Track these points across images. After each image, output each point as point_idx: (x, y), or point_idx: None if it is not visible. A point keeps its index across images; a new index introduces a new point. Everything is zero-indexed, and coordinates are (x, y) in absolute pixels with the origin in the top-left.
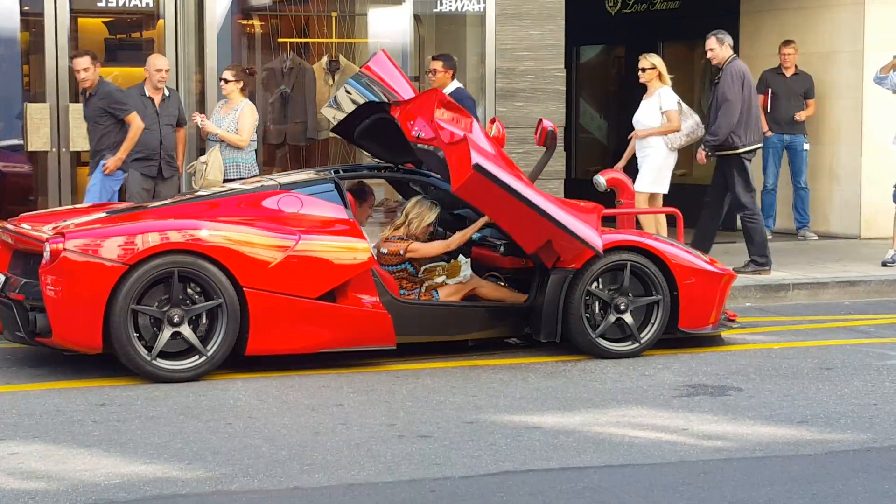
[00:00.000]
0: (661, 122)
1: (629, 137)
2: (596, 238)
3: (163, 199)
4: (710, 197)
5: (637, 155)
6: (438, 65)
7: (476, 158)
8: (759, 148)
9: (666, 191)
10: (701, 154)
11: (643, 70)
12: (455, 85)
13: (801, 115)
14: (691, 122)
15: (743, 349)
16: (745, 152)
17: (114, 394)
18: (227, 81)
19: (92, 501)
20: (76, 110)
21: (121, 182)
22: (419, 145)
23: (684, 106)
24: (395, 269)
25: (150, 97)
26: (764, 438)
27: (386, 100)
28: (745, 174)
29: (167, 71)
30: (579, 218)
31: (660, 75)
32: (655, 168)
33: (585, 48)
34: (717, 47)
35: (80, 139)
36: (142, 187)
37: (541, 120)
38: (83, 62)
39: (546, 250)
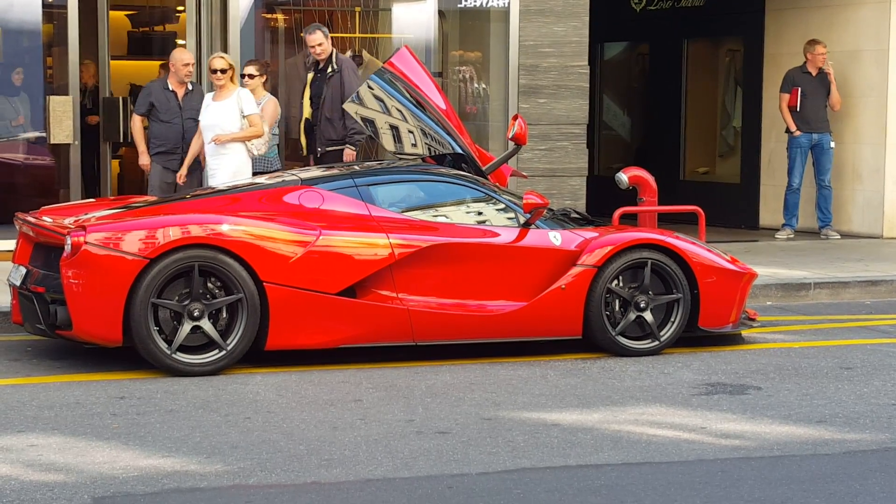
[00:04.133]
0: (242, 126)
1: (211, 141)
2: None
3: (184, 193)
4: None
5: (209, 161)
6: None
7: None
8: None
9: None
10: (351, 155)
11: (223, 71)
12: None
13: (836, 100)
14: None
15: (763, 348)
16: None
17: (133, 387)
18: (251, 77)
19: (110, 494)
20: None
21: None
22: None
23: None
24: None
25: (173, 91)
26: (782, 438)
27: (408, 96)
28: None
29: (193, 65)
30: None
31: (232, 76)
32: (231, 175)
33: (609, 45)
34: (325, 41)
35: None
36: (164, 181)
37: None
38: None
39: None
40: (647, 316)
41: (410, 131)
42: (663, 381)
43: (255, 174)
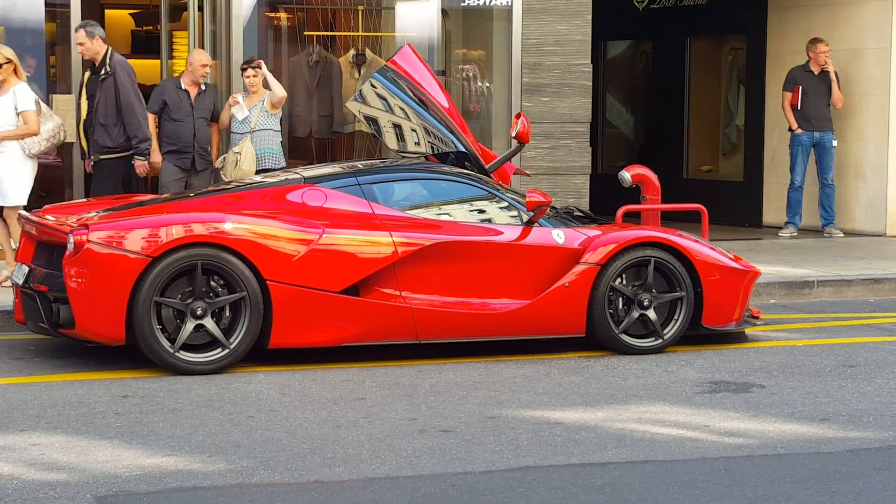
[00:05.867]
0: (18, 123)
1: None
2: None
3: (187, 192)
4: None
5: None
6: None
7: None
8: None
9: (24, 202)
10: (143, 166)
11: None
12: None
13: (837, 98)
14: (52, 125)
15: (766, 346)
16: (129, 155)
17: (136, 386)
18: (256, 70)
19: (113, 493)
20: None
21: None
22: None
23: (44, 106)
24: None
25: (185, 90)
26: (785, 436)
27: (411, 94)
28: (128, 180)
29: (210, 66)
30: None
31: (16, 70)
32: (11, 178)
33: (612, 43)
34: (88, 41)
35: None
36: (173, 179)
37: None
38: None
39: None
40: (651, 314)
41: (413, 129)
42: (667, 379)
43: (263, 171)
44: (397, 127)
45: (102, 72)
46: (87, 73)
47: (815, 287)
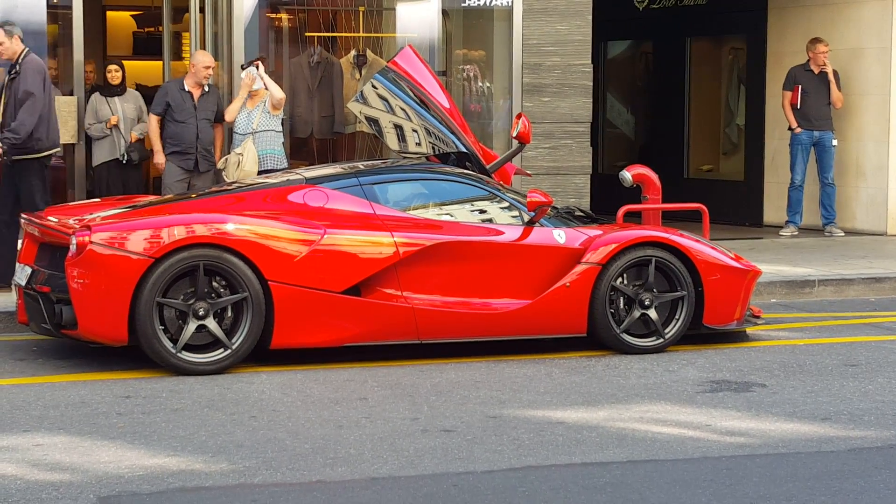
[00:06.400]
0: None
1: None
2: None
3: (189, 193)
4: (4, 215)
5: None
6: None
7: None
8: (58, 152)
9: None
10: None
11: None
12: None
13: (836, 98)
14: None
15: (767, 345)
16: (45, 156)
17: (139, 386)
18: (257, 67)
19: (116, 493)
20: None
21: None
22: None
23: None
24: None
25: (189, 92)
26: (787, 435)
27: (412, 95)
28: (44, 181)
29: (214, 68)
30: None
31: None
32: None
33: (613, 43)
34: (7, 40)
35: None
36: (176, 180)
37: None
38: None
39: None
40: (652, 313)
41: (414, 130)
42: (668, 378)
43: (265, 171)
44: (398, 127)
45: (13, 71)
46: (7, 77)
47: (815, 286)
